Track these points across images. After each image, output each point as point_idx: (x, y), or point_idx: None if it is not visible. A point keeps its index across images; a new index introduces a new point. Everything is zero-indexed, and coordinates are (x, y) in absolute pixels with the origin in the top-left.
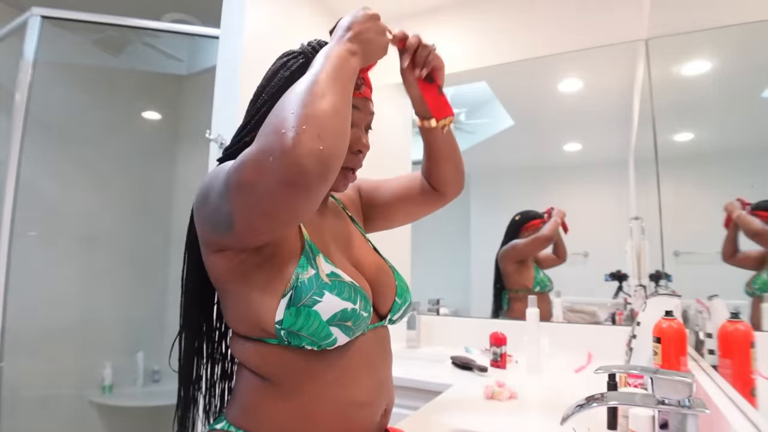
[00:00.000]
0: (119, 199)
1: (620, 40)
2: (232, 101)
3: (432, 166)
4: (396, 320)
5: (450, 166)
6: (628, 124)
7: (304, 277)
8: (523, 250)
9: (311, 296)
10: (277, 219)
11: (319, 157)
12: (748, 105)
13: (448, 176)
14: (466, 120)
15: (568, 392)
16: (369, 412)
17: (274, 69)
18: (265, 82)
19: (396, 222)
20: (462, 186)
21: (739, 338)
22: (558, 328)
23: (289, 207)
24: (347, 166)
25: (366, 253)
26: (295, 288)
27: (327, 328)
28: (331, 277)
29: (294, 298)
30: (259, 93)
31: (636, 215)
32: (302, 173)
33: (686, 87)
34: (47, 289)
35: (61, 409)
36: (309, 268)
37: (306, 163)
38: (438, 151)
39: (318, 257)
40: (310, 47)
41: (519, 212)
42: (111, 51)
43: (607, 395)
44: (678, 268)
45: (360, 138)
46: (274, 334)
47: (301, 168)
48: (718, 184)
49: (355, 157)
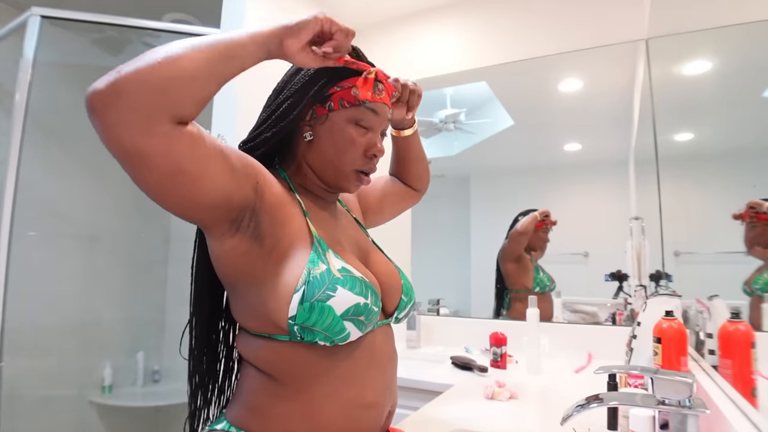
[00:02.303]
0: (119, 199)
1: (620, 40)
2: (232, 101)
3: (408, 168)
4: (401, 318)
5: (422, 166)
6: (628, 124)
7: (315, 272)
8: (509, 248)
9: (324, 291)
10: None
11: (110, 81)
12: (748, 105)
13: (422, 174)
14: (466, 120)
15: (568, 392)
16: (376, 413)
17: (306, 74)
18: (288, 78)
19: (383, 220)
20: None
21: (740, 338)
22: (558, 328)
23: (107, 138)
24: (361, 169)
25: (372, 252)
26: (307, 283)
27: (341, 322)
28: (342, 272)
29: (307, 294)
30: (281, 89)
31: (636, 215)
32: (93, 92)
33: (686, 87)
34: (47, 289)
35: (61, 409)
36: (320, 263)
37: (97, 86)
38: (413, 153)
39: (328, 253)
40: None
41: (522, 212)
42: (111, 51)
43: (608, 395)
44: (678, 268)
45: (375, 143)
46: (287, 330)
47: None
48: (718, 184)
49: (369, 161)
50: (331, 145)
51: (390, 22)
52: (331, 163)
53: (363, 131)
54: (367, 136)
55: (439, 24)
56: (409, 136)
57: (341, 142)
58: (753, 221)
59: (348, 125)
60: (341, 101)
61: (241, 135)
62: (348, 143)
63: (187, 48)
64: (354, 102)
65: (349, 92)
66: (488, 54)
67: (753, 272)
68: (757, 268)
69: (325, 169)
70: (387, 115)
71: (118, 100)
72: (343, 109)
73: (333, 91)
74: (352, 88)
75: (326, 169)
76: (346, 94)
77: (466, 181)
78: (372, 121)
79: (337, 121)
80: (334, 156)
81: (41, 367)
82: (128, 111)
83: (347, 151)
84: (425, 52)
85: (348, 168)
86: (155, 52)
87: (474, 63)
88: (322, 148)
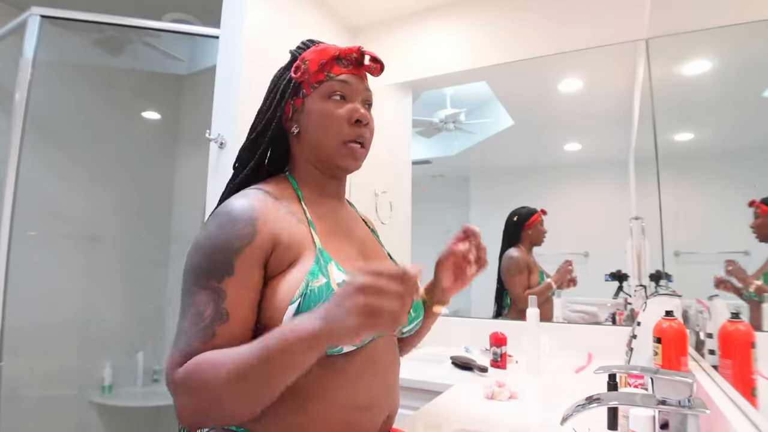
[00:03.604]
0: (119, 199)
1: (620, 40)
2: (232, 101)
3: (409, 340)
4: (405, 333)
5: (417, 340)
6: (628, 124)
7: (314, 285)
8: (517, 264)
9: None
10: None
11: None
12: (748, 105)
13: (413, 344)
14: (466, 120)
15: (568, 392)
16: (370, 416)
17: (275, 77)
18: (270, 88)
19: None
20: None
21: (740, 338)
22: (558, 328)
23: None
24: (347, 139)
25: (384, 262)
26: (304, 296)
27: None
28: (341, 286)
29: (302, 307)
30: (266, 98)
31: (636, 215)
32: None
33: (686, 87)
34: (47, 289)
35: (61, 409)
36: (320, 275)
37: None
38: (424, 329)
39: (330, 265)
40: (299, 49)
41: (514, 212)
42: (111, 51)
43: (607, 395)
44: (678, 268)
45: (357, 108)
46: None
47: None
48: (718, 184)
49: (356, 129)
50: (314, 126)
51: (390, 22)
52: (319, 143)
53: (340, 103)
54: (346, 106)
55: (439, 24)
56: (435, 314)
57: (320, 119)
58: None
59: (323, 102)
60: (310, 84)
61: (241, 135)
62: (326, 117)
63: (251, 398)
64: (322, 78)
65: (315, 74)
66: (488, 54)
67: (757, 270)
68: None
69: (316, 152)
70: (363, 85)
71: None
72: (314, 90)
73: (302, 78)
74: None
75: (317, 152)
76: (313, 77)
77: (466, 181)
78: (346, 90)
79: (312, 102)
80: (319, 135)
81: (41, 367)
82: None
83: (328, 125)
84: (425, 52)
85: (335, 141)
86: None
87: (474, 63)
88: (308, 133)
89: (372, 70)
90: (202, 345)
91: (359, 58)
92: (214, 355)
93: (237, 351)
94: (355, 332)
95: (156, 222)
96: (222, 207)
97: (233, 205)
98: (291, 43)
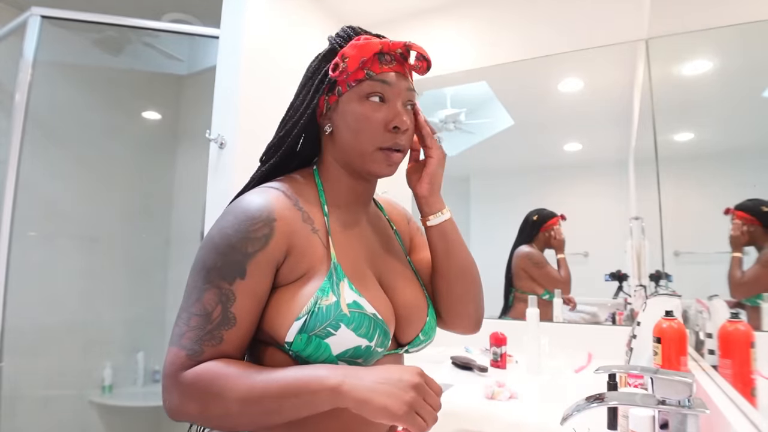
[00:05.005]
0: (119, 199)
1: (620, 40)
2: (232, 101)
3: (442, 284)
4: (412, 352)
5: (465, 286)
6: (628, 124)
7: (323, 304)
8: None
9: (326, 327)
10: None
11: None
12: (748, 105)
13: (466, 301)
14: (466, 120)
15: (568, 392)
16: (375, 428)
17: (312, 68)
18: (305, 80)
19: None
20: (477, 326)
21: (740, 338)
22: (558, 328)
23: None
24: (383, 146)
25: (403, 277)
26: (311, 313)
27: (336, 361)
28: (351, 308)
29: (308, 325)
30: (300, 91)
31: (636, 215)
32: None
33: (686, 87)
34: (47, 289)
35: (61, 409)
36: (330, 293)
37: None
38: (451, 261)
39: (342, 282)
40: (339, 38)
41: (534, 211)
42: (111, 51)
43: (607, 395)
44: (678, 268)
45: (396, 114)
46: (284, 348)
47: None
48: (718, 184)
49: (393, 136)
50: (347, 128)
51: (390, 22)
52: (352, 147)
53: (378, 105)
54: (384, 109)
55: (439, 24)
56: (437, 228)
57: (355, 122)
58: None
59: (359, 103)
60: (347, 82)
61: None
62: (362, 121)
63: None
64: (360, 77)
65: (354, 73)
66: (488, 54)
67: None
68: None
69: (347, 156)
70: (405, 84)
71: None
72: (351, 89)
73: (340, 77)
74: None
75: (349, 155)
76: (352, 76)
77: (466, 181)
78: (385, 92)
79: (347, 102)
80: (353, 138)
81: (41, 367)
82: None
83: (363, 129)
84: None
85: (369, 147)
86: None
87: (474, 63)
88: (341, 135)
89: (417, 69)
90: (211, 350)
91: (405, 54)
92: (229, 370)
93: (257, 372)
94: (387, 414)
95: (156, 222)
96: (239, 202)
97: (251, 203)
98: (291, 44)
